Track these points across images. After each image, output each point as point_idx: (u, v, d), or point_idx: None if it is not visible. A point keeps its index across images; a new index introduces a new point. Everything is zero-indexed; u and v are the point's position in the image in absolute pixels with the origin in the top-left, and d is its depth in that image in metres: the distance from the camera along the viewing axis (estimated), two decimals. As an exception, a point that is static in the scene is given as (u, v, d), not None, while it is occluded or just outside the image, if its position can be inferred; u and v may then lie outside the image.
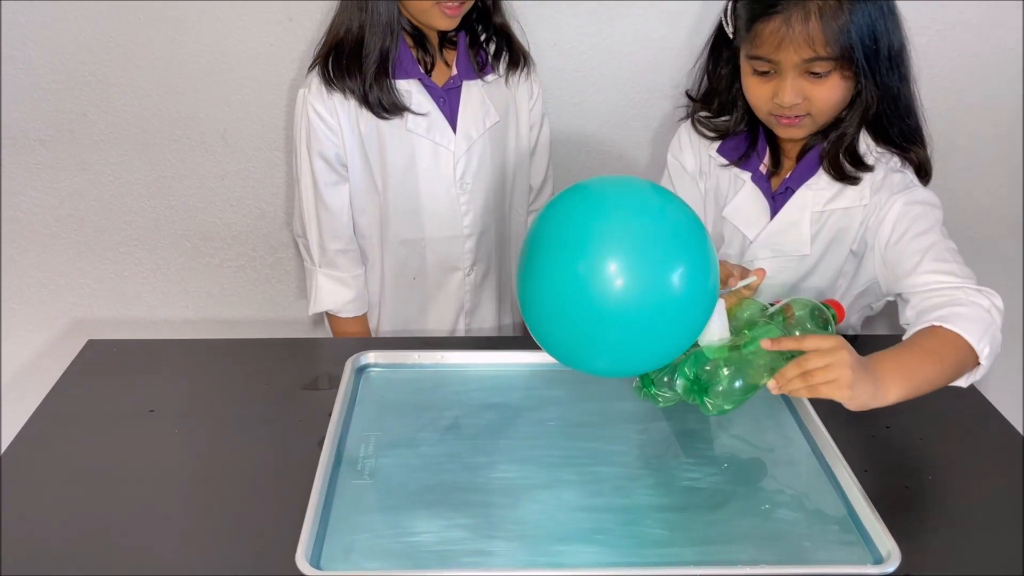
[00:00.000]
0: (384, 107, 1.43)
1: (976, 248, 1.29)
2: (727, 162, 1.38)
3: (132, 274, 1.83)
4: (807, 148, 1.32)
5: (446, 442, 1.15)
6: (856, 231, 1.31)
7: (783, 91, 1.22)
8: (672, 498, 1.04)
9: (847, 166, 1.28)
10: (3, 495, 1.03)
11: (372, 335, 1.64)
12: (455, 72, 1.48)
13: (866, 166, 1.28)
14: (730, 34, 1.29)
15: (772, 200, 1.35)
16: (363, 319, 1.62)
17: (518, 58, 1.53)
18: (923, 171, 1.31)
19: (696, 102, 1.42)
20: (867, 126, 1.29)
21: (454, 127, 1.49)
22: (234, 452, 1.13)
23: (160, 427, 1.17)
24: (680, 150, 1.45)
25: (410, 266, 1.58)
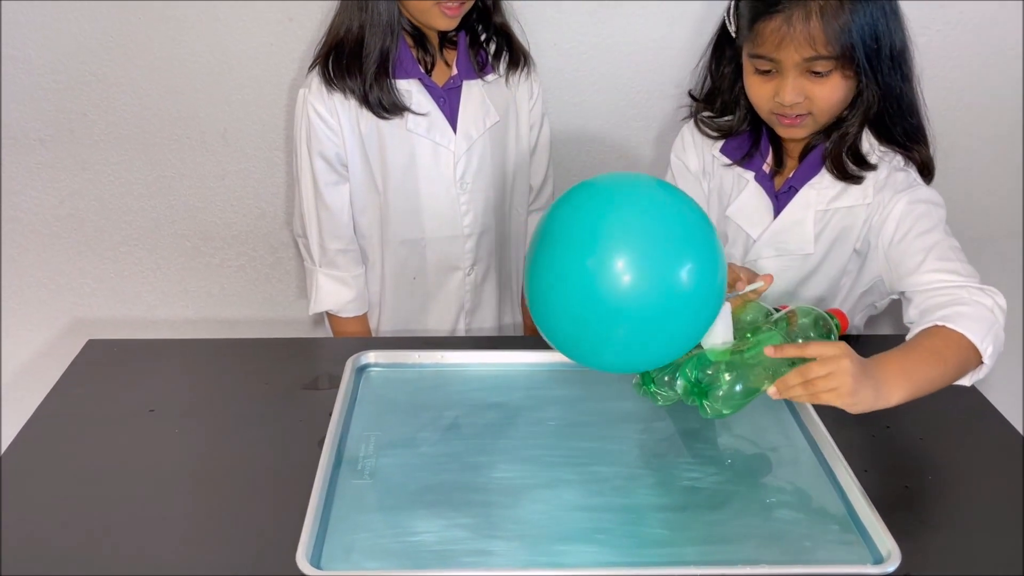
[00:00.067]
0: (384, 107, 1.43)
1: (976, 248, 1.28)
2: (730, 162, 1.38)
3: (132, 274, 1.83)
4: (810, 147, 1.32)
5: (446, 442, 1.15)
6: (859, 230, 1.31)
7: (784, 90, 1.22)
8: (672, 498, 1.04)
9: (850, 165, 1.28)
10: (3, 495, 1.03)
11: (372, 335, 1.64)
12: (455, 72, 1.48)
13: (869, 165, 1.28)
14: (733, 33, 1.29)
15: (775, 199, 1.35)
16: (363, 319, 1.62)
17: (518, 58, 1.53)
18: (926, 170, 1.31)
19: (699, 102, 1.42)
20: (870, 125, 1.28)
21: (454, 127, 1.49)
22: (234, 452, 1.13)
23: (160, 427, 1.17)
24: (683, 150, 1.45)
25: (410, 266, 1.58)
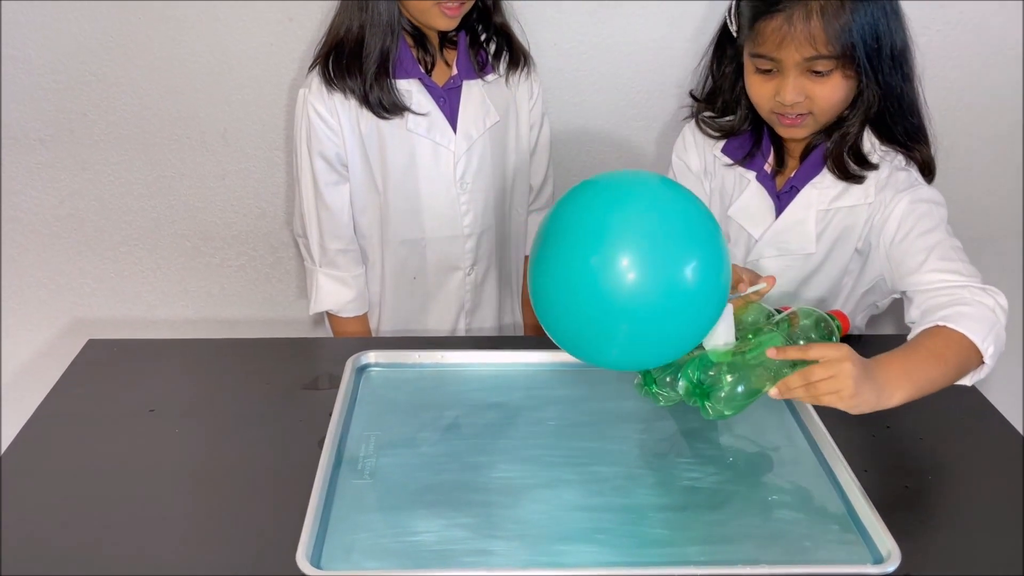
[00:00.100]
0: (384, 107, 1.43)
1: (976, 248, 1.28)
2: (731, 161, 1.38)
3: (132, 274, 1.83)
4: (811, 147, 1.32)
5: (446, 442, 1.15)
6: (861, 229, 1.31)
7: (785, 89, 1.22)
8: (672, 497, 1.04)
9: (851, 165, 1.28)
10: (3, 495, 1.03)
11: (372, 335, 1.64)
12: (455, 72, 1.48)
13: (871, 164, 1.28)
14: (734, 32, 1.29)
15: (777, 199, 1.35)
16: (363, 319, 1.62)
17: (518, 58, 1.53)
18: (927, 169, 1.31)
19: (700, 102, 1.42)
20: (871, 125, 1.29)
21: (454, 127, 1.49)
22: (234, 452, 1.13)
23: (160, 427, 1.17)
24: (685, 150, 1.45)
25: (410, 266, 1.58)
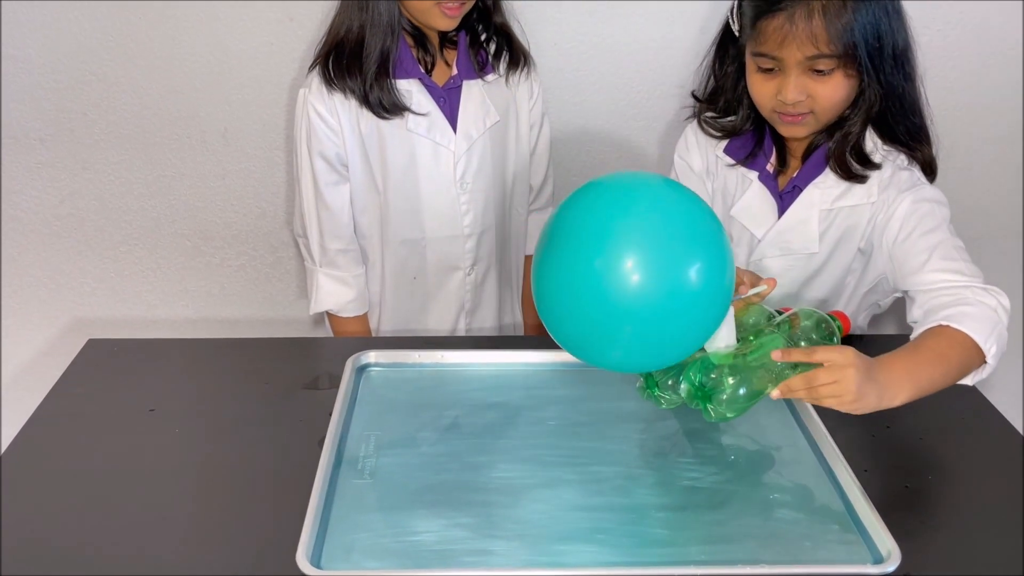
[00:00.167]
0: (384, 107, 1.43)
1: (976, 248, 1.28)
2: (734, 161, 1.38)
3: (132, 273, 1.83)
4: (813, 147, 1.32)
5: (446, 442, 1.15)
6: (864, 229, 1.31)
7: (786, 88, 1.22)
8: (672, 497, 1.04)
9: (854, 165, 1.28)
10: (3, 495, 1.03)
11: (372, 335, 1.64)
12: (455, 72, 1.48)
13: (873, 164, 1.28)
14: (736, 31, 1.29)
15: (779, 199, 1.35)
16: (364, 319, 1.62)
17: (518, 58, 1.53)
18: (929, 169, 1.31)
19: (702, 102, 1.42)
20: (873, 124, 1.29)
21: (454, 127, 1.49)
22: (234, 452, 1.13)
23: (160, 427, 1.17)
24: (687, 150, 1.45)
25: (410, 266, 1.58)
